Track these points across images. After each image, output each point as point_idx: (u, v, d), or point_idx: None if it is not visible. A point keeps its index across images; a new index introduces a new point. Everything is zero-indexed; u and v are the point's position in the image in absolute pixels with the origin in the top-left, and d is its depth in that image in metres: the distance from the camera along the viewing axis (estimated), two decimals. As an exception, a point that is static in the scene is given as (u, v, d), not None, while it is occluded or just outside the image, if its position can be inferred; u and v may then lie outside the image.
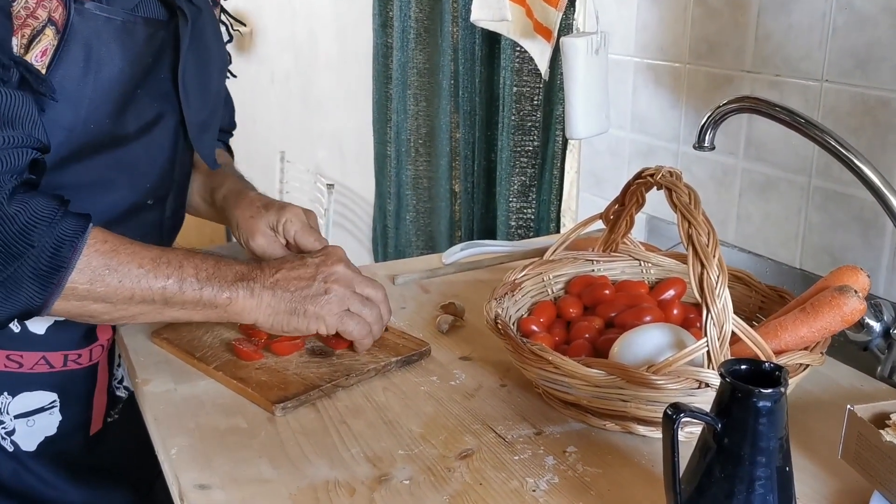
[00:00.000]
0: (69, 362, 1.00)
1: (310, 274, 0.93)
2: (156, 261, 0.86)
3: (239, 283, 0.90)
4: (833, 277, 0.88)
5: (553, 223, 1.78)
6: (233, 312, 0.90)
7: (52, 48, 0.84)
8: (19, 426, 0.98)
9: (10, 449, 0.98)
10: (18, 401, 0.98)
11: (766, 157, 1.25)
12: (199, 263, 0.89)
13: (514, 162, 1.79)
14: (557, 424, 0.87)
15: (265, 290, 0.90)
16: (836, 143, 0.95)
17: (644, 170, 0.93)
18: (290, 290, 0.91)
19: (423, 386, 0.95)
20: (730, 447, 0.61)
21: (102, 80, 0.89)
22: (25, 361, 0.97)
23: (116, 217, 0.97)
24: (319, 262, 0.94)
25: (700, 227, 0.79)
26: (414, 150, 2.25)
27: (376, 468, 0.79)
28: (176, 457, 0.81)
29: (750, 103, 1.02)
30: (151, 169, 1.00)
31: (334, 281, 0.92)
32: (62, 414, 1.00)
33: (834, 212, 1.16)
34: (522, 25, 1.44)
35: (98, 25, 0.87)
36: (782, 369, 0.62)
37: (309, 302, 0.91)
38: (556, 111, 1.68)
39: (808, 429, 0.86)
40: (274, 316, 0.91)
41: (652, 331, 0.86)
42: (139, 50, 0.92)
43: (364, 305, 0.94)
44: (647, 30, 1.42)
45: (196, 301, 0.88)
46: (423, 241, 2.33)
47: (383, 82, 2.38)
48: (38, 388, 0.99)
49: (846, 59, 1.11)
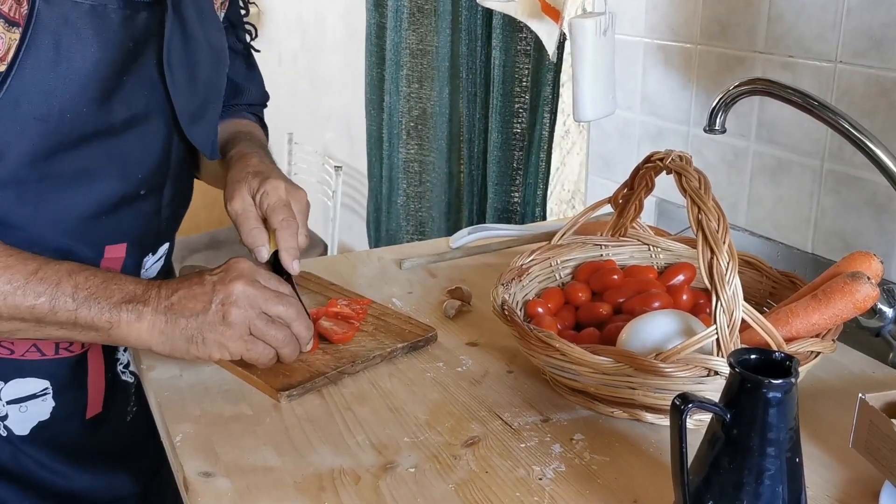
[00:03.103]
0: (61, 350, 0.99)
1: (206, 296, 0.84)
2: (29, 277, 0.81)
3: (124, 306, 0.83)
4: (845, 263, 0.87)
5: (539, 207, 1.76)
6: (117, 336, 0.84)
7: (6, 42, 0.81)
8: (11, 412, 0.97)
9: (4, 434, 0.97)
10: (11, 387, 0.97)
11: (777, 139, 1.23)
12: (81, 282, 0.83)
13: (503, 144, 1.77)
14: (564, 411, 0.86)
15: (157, 314, 0.83)
16: (850, 126, 0.94)
17: (653, 154, 0.91)
18: (185, 314, 0.83)
19: (429, 372, 0.94)
20: (739, 438, 0.60)
21: (75, 68, 0.86)
22: (17, 348, 0.96)
23: (108, 207, 0.95)
24: (217, 280, 0.85)
25: (710, 213, 0.77)
26: (405, 132, 2.22)
27: (382, 455, 0.78)
28: (181, 444, 0.81)
29: (762, 85, 1.00)
30: (145, 158, 0.98)
31: (232, 303, 0.83)
32: (55, 400, 1.00)
33: (847, 195, 1.14)
34: (530, 6, 1.42)
35: (65, 10, 0.84)
36: (793, 359, 0.61)
37: (207, 329, 0.83)
38: (543, 93, 1.65)
39: (818, 416, 0.85)
40: (170, 342, 0.84)
41: (660, 318, 0.85)
42: (115, 35, 0.89)
43: (270, 327, 0.85)
44: (657, 10, 1.40)
45: (72, 322, 0.82)
46: (413, 226, 2.30)
47: (377, 63, 2.33)
48: (30, 375, 0.98)
49: (861, 40, 1.09)
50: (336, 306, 1.04)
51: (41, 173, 0.88)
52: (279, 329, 0.86)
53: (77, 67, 0.87)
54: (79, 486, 1.03)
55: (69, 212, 0.92)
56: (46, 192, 0.90)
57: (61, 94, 0.86)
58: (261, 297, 0.85)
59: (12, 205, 0.88)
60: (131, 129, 0.94)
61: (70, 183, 0.91)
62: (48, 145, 0.88)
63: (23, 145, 0.86)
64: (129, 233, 1.00)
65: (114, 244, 0.99)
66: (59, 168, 0.89)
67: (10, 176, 0.87)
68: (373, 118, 2.41)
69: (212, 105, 1.03)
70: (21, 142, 0.86)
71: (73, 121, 0.88)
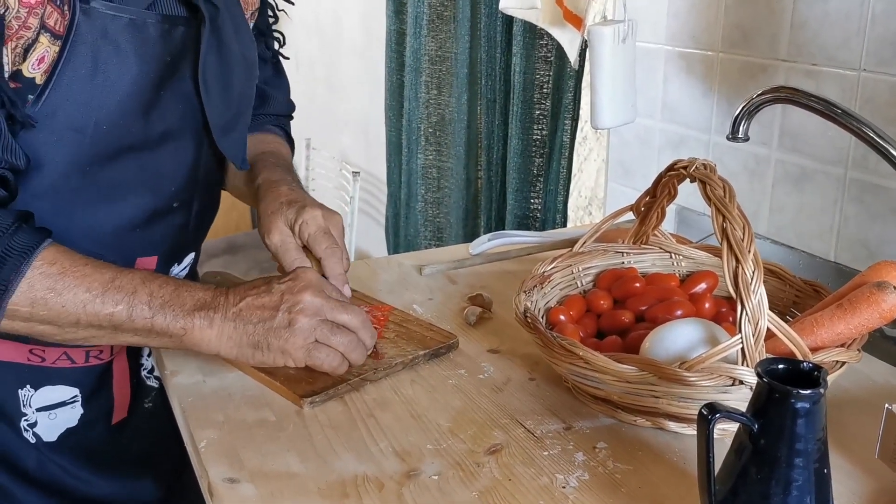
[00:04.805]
0: (91, 358, 1.00)
1: (274, 303, 0.87)
2: (107, 285, 0.82)
3: (197, 313, 0.85)
4: (871, 273, 0.86)
5: (560, 214, 1.76)
6: (189, 343, 0.86)
7: (49, 55, 0.82)
8: (41, 419, 0.98)
9: (32, 441, 0.98)
10: (41, 394, 0.98)
11: (800, 147, 1.22)
12: (155, 290, 0.84)
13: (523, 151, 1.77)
14: (587, 419, 0.86)
15: (226, 321, 0.86)
16: (874, 134, 0.93)
17: (676, 161, 0.91)
18: (252, 321, 0.86)
19: (451, 379, 0.94)
20: (766, 448, 0.60)
21: (112, 80, 0.87)
22: (48, 356, 0.97)
23: (141, 221, 0.96)
24: (286, 289, 0.87)
25: (735, 222, 0.77)
26: (424, 138, 2.22)
27: (405, 462, 0.78)
28: (205, 450, 0.81)
29: (786, 93, 1.00)
30: (177, 172, 0.99)
31: (299, 311, 0.86)
32: (83, 407, 1.01)
33: (871, 204, 1.14)
34: (552, 13, 1.43)
35: (105, 24, 0.85)
36: (821, 369, 0.60)
37: (272, 335, 0.86)
38: (564, 100, 1.66)
39: (843, 426, 0.84)
40: (238, 349, 0.86)
41: (684, 326, 0.85)
42: (154, 49, 0.90)
43: (334, 333, 0.88)
44: (678, 17, 1.40)
45: (147, 329, 0.84)
46: (430, 231, 2.30)
47: (396, 69, 2.34)
48: (60, 383, 0.99)
49: (885, 48, 1.09)
50: (358, 312, 1.05)
51: (76, 185, 0.89)
52: (345, 335, 0.88)
53: (114, 80, 0.87)
54: (102, 492, 1.04)
55: (102, 224, 0.93)
56: (81, 203, 0.91)
57: (98, 107, 0.87)
58: (326, 305, 0.88)
59: (46, 215, 0.89)
60: (165, 143, 0.95)
61: (104, 196, 0.92)
62: (84, 157, 0.89)
63: (59, 156, 0.87)
64: (159, 245, 1.01)
65: (145, 256, 1.00)
66: (94, 180, 0.90)
67: (47, 186, 0.88)
68: (392, 124, 2.42)
69: (242, 116, 1.04)
70: (58, 153, 0.87)
71: (109, 133, 0.89)
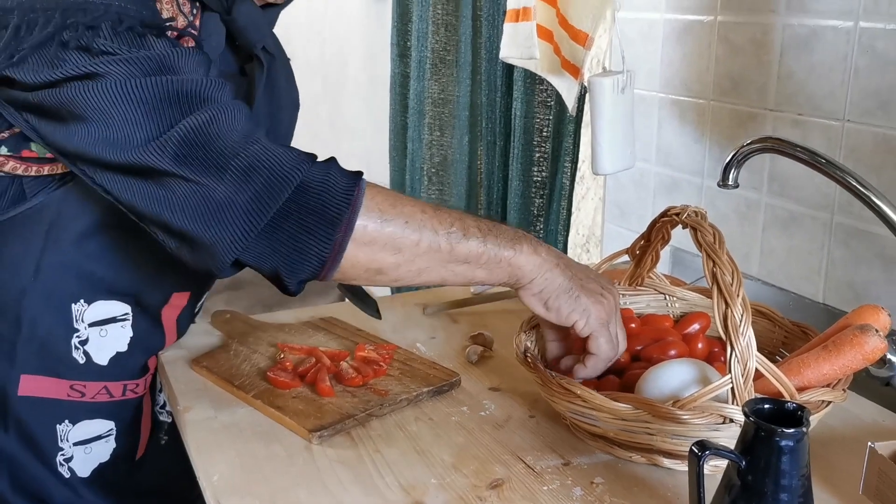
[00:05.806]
0: (127, 392, 1.03)
1: (593, 275, 0.93)
2: (435, 208, 0.87)
3: (522, 240, 0.89)
4: (855, 316, 0.91)
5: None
6: (516, 266, 0.88)
7: None
8: (77, 453, 1.01)
9: (67, 476, 1.01)
10: (78, 428, 1.01)
11: (788, 192, 1.27)
12: (476, 218, 0.89)
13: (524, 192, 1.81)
14: (585, 455, 0.89)
15: (551, 254, 0.90)
16: (857, 183, 0.98)
17: (670, 208, 0.96)
18: (573, 268, 0.91)
19: (453, 416, 0.98)
20: (753, 484, 0.63)
21: None
22: (88, 391, 1.00)
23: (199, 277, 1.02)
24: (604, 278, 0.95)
25: (724, 267, 0.81)
26: (427, 178, 2.28)
27: (410, 496, 0.82)
28: (218, 484, 0.84)
29: (773, 143, 1.05)
30: None
31: (612, 294, 0.92)
32: (116, 441, 1.04)
33: (856, 248, 1.18)
34: (550, 62, 1.48)
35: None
36: (804, 409, 0.64)
37: (586, 293, 0.90)
38: (565, 143, 1.71)
39: (830, 463, 0.88)
40: (553, 281, 0.89)
41: (677, 366, 0.89)
42: None
43: (622, 331, 0.94)
44: (671, 66, 1.45)
45: (479, 253, 0.87)
46: None
47: (400, 111, 2.41)
48: (98, 417, 1.02)
49: (868, 100, 1.14)
50: (364, 351, 1.09)
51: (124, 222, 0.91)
52: (623, 342, 0.94)
53: None
54: None
55: (148, 260, 0.97)
56: (126, 240, 0.95)
57: None
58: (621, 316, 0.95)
59: (93, 252, 0.93)
60: None
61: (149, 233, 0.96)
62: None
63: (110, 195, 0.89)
64: (192, 281, 1.05)
65: (180, 292, 1.04)
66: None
67: (97, 227, 0.93)
68: (396, 164, 2.48)
69: None
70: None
71: None
